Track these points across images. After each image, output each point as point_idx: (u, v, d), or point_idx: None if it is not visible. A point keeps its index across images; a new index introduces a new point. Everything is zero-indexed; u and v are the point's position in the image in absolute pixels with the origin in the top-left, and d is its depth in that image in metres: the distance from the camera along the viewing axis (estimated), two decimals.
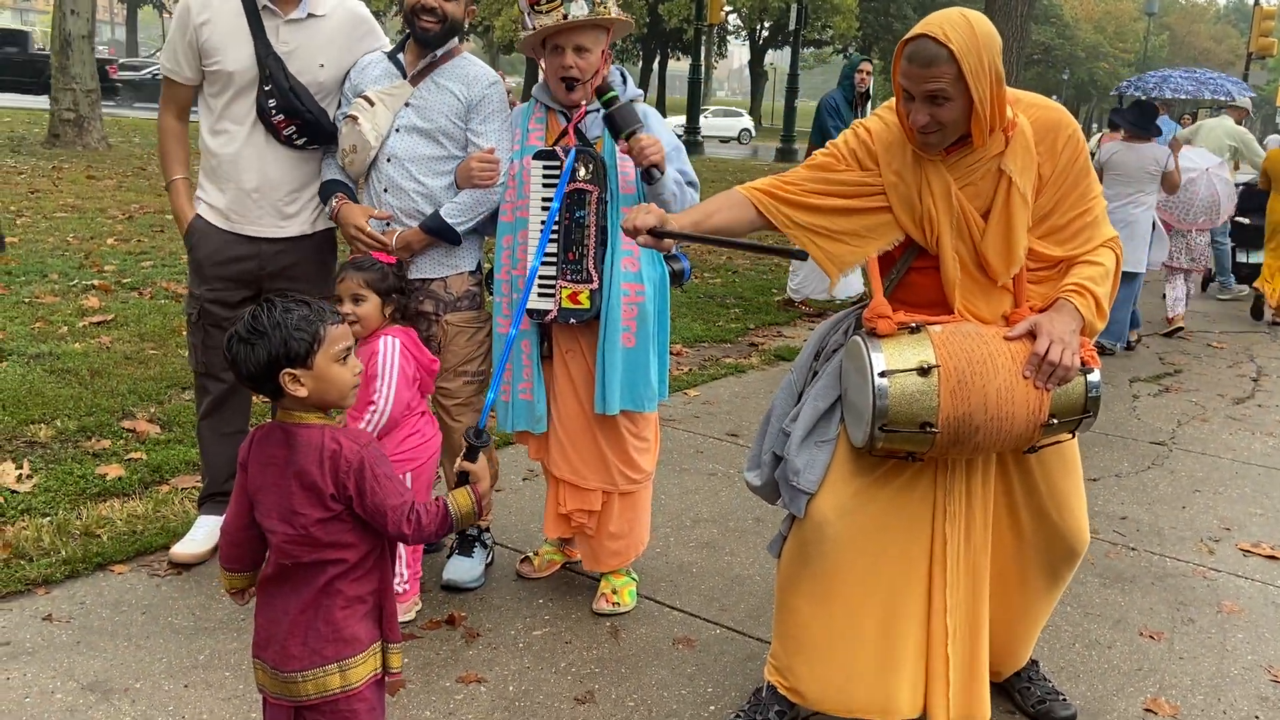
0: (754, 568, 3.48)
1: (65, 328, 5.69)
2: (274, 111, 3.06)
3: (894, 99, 2.28)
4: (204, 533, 3.29)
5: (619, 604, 3.11)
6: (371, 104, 2.98)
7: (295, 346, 1.77)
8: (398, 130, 3.02)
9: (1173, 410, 5.85)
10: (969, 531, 2.38)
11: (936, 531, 2.36)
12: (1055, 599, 2.60)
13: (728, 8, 39.09)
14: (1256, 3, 28.58)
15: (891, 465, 2.34)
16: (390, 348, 2.81)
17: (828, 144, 2.43)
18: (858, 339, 2.26)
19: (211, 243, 3.19)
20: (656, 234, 2.25)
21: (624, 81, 2.99)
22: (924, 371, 2.14)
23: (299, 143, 3.14)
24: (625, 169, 2.90)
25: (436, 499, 1.86)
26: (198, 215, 3.21)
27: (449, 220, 2.99)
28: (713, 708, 2.67)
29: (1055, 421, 2.18)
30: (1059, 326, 2.17)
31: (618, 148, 2.84)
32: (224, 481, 3.35)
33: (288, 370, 1.77)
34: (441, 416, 3.13)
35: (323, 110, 3.12)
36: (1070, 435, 2.30)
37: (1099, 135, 11.35)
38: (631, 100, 2.84)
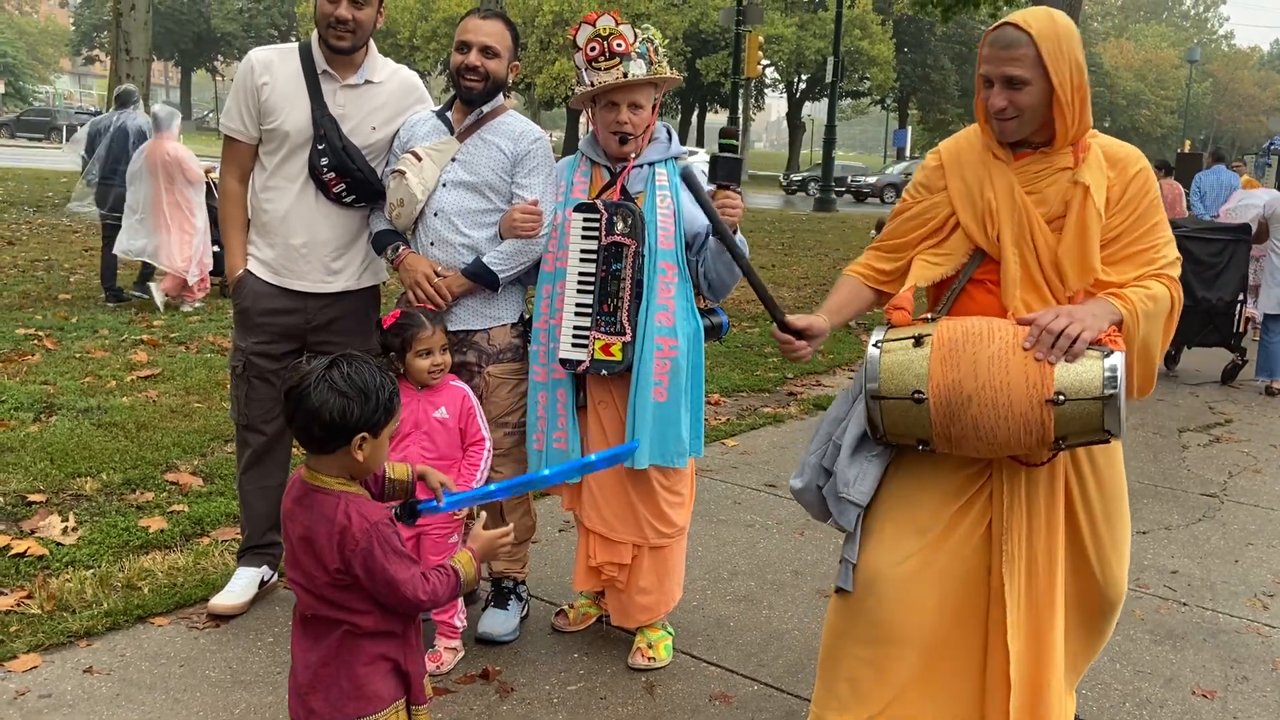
0: (792, 622, 3.43)
1: (113, 382, 5.81)
2: (325, 169, 3.15)
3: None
4: (243, 584, 3.32)
5: (654, 659, 3.08)
6: (419, 159, 3.06)
7: (382, 416, 1.81)
8: (444, 185, 3.08)
9: (1224, 461, 5.72)
10: (1030, 576, 2.30)
11: (994, 574, 2.30)
12: (1095, 651, 2.52)
13: (765, 61, 39.51)
14: None
15: (949, 518, 2.28)
16: (469, 389, 3.02)
17: (906, 188, 2.52)
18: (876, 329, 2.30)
19: (258, 296, 3.25)
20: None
21: (669, 138, 3.03)
22: (918, 341, 2.14)
23: (348, 200, 3.22)
24: (665, 223, 2.94)
25: (443, 565, 1.87)
26: (246, 270, 3.28)
27: (491, 266, 3.04)
28: None
29: (1064, 399, 2.03)
30: (1079, 310, 2.12)
31: (707, 189, 2.86)
32: (263, 534, 3.38)
33: (364, 434, 1.79)
34: None
35: (372, 170, 3.21)
36: (1102, 436, 2.12)
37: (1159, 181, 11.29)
38: (686, 158, 2.90)
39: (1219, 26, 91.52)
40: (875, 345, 2.19)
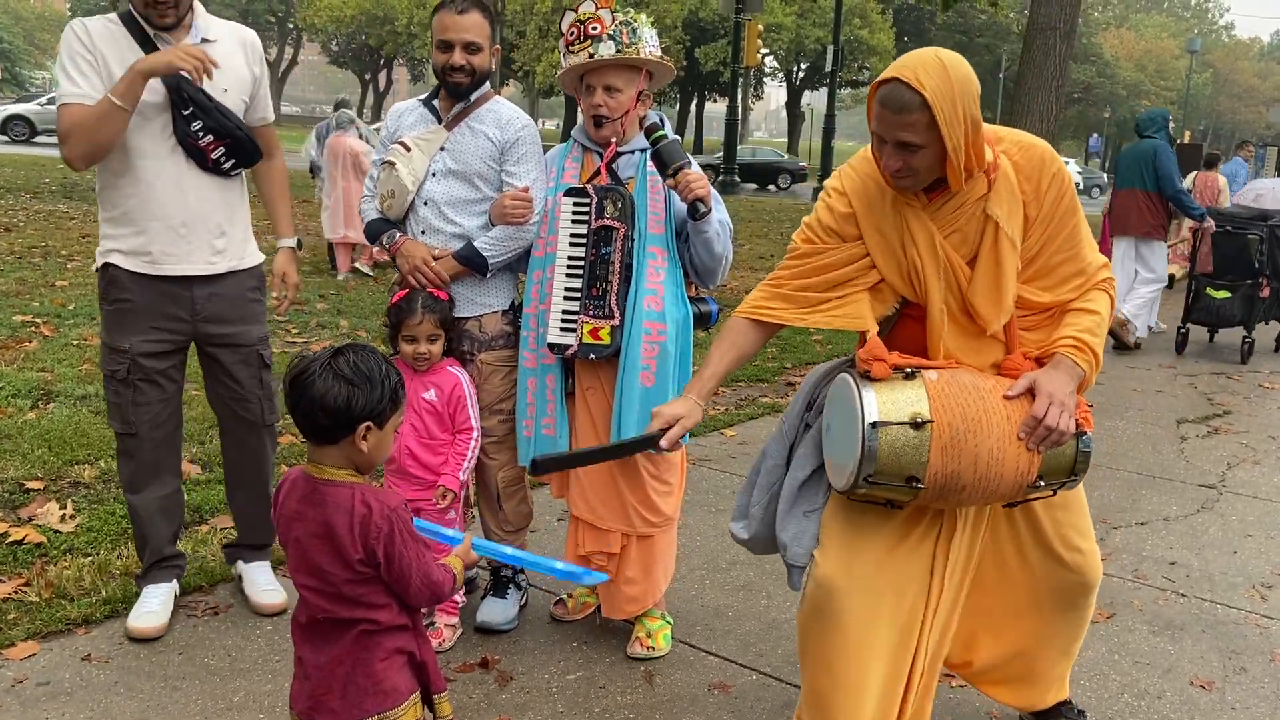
0: (791, 611, 3.43)
1: None
2: (201, 134, 2.93)
3: (868, 146, 2.26)
4: (160, 602, 3.09)
5: (654, 648, 3.08)
6: (408, 149, 3.04)
7: (388, 406, 1.79)
8: (434, 175, 3.08)
9: (1222, 452, 5.72)
10: (961, 576, 2.35)
11: (935, 580, 2.32)
12: (1081, 629, 2.54)
13: (764, 50, 39.38)
14: None
15: (900, 522, 2.28)
16: (467, 377, 3.02)
17: (804, 225, 2.38)
18: (848, 378, 2.18)
19: (135, 291, 2.98)
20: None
21: (661, 124, 3.02)
22: (917, 425, 2.07)
23: (226, 166, 3.01)
24: (655, 208, 2.93)
25: (441, 564, 1.88)
26: (112, 265, 2.98)
27: (482, 251, 3.04)
28: None
29: (1042, 483, 2.13)
30: (1058, 387, 2.10)
31: (665, 184, 2.87)
32: (165, 545, 3.17)
33: (369, 424, 1.78)
34: (479, 456, 3.14)
35: (250, 131, 3.06)
36: (1052, 494, 2.23)
37: (1192, 175, 11.33)
38: (675, 139, 2.88)
39: (1219, 17, 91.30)
40: (874, 427, 2.07)
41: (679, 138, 2.96)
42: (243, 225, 3.14)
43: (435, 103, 3.15)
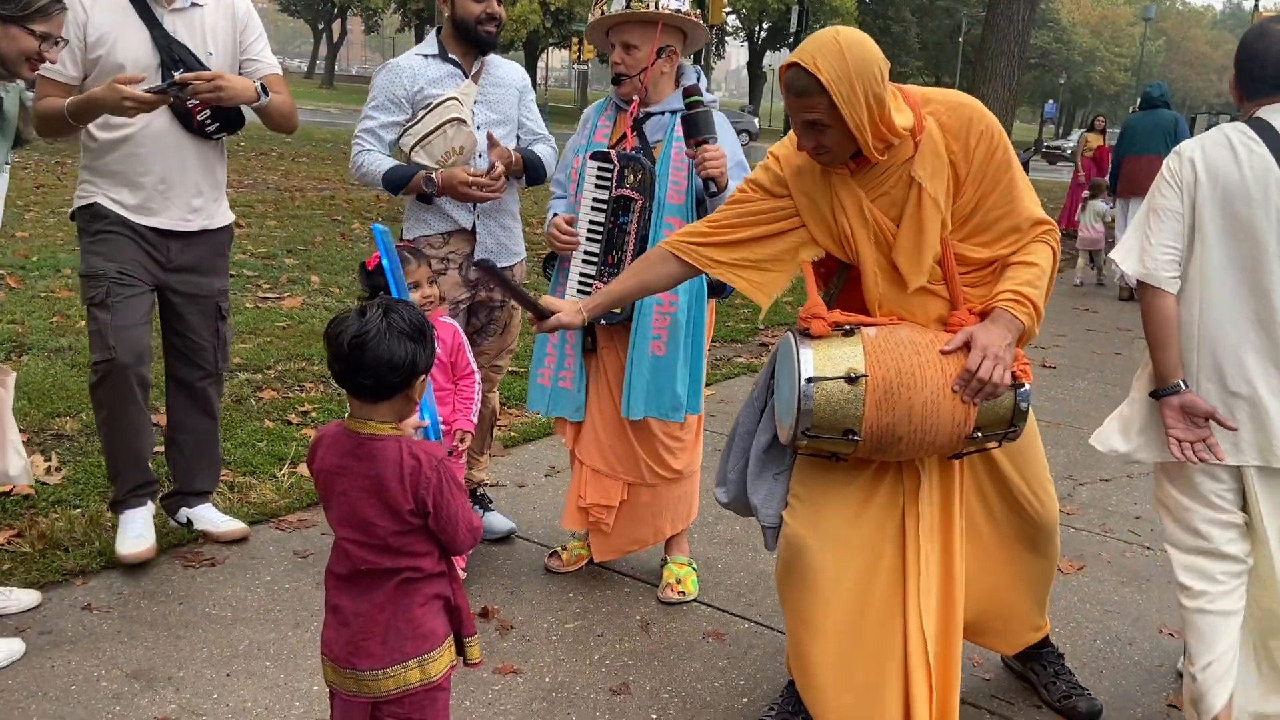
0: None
1: (82, 321, 5.70)
2: (188, 97, 2.94)
3: None
4: (143, 523, 3.17)
5: (685, 593, 3.19)
6: (462, 104, 3.12)
7: (431, 360, 1.83)
8: (478, 127, 3.16)
9: None
10: (946, 535, 2.39)
11: (910, 536, 2.37)
12: (1049, 574, 2.64)
13: (728, 8, 39.11)
14: (1255, 7, 28.67)
15: (865, 480, 2.35)
16: (458, 326, 3.10)
17: (744, 178, 2.45)
18: (790, 336, 2.25)
19: (116, 228, 3.05)
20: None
21: (701, 89, 3.00)
22: (851, 380, 2.13)
23: (210, 129, 3.08)
24: (676, 177, 2.96)
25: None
26: (96, 204, 3.05)
27: (545, 160, 3.29)
28: (746, 700, 2.72)
29: (980, 434, 2.19)
30: (994, 340, 2.15)
31: (685, 151, 2.90)
32: (141, 470, 3.20)
33: (423, 374, 1.82)
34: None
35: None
36: (997, 446, 2.31)
37: (1080, 134, 11.79)
38: (709, 109, 2.88)
39: None
40: (809, 381, 2.13)
41: (716, 98, 2.95)
42: (218, 186, 3.23)
43: (452, 57, 3.19)
